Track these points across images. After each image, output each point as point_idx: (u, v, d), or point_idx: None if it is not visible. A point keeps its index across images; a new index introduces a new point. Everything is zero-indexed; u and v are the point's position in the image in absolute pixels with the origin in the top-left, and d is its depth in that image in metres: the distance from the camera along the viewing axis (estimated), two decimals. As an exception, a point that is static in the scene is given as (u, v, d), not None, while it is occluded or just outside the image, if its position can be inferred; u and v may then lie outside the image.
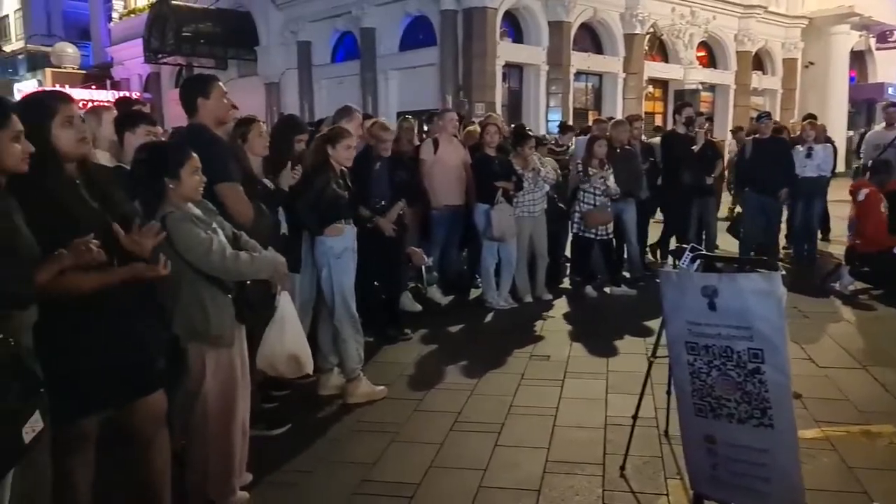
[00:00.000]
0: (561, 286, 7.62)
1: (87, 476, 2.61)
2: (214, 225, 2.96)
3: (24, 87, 24.94)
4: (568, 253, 7.96)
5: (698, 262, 3.13)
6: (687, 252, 3.21)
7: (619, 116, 13.65)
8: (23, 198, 2.02)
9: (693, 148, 7.90)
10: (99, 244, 2.21)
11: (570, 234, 7.56)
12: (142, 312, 2.55)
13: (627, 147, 7.55)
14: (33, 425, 1.82)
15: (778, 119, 15.75)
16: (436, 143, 6.87)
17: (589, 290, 7.31)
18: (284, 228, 4.37)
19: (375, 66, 19.07)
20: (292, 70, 21.19)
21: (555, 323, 6.40)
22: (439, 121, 7.15)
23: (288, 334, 3.33)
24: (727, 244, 8.80)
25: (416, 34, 18.81)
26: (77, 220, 2.32)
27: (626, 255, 7.78)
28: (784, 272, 2.85)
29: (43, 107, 2.37)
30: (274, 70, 21.48)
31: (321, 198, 4.30)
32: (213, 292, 2.92)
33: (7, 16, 35.63)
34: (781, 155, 8.23)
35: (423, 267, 6.74)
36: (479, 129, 7.36)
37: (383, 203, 5.51)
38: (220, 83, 3.64)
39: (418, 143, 7.21)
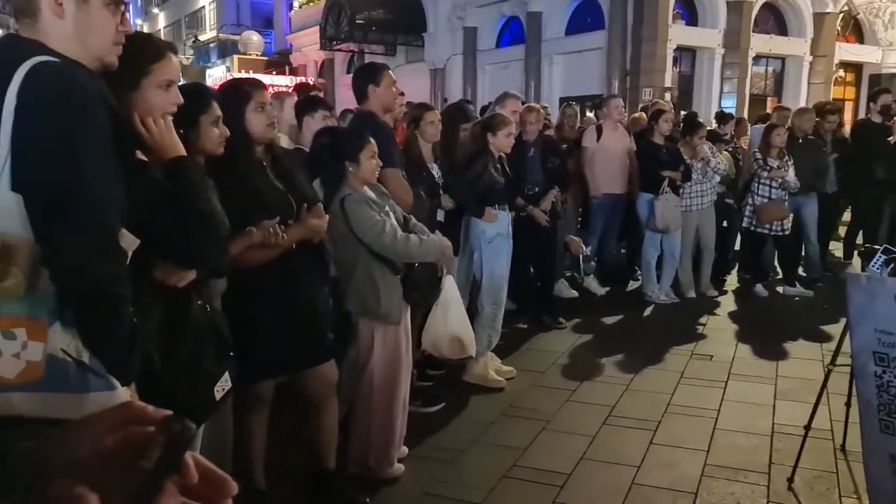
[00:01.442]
0: (728, 283, 7.22)
1: (262, 432, 2.86)
2: (387, 208, 3.10)
3: (214, 72, 27.23)
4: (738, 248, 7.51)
5: (892, 265, 2.85)
6: (879, 254, 2.93)
7: (802, 103, 12.65)
8: (216, 177, 2.22)
9: (889, 139, 7.16)
10: (283, 228, 2.39)
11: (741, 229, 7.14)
12: (317, 288, 2.73)
13: (811, 137, 6.98)
14: (223, 385, 2.00)
15: None
16: (599, 130, 6.73)
17: (759, 288, 6.86)
18: (440, 216, 4.47)
19: (540, 51, 18.89)
20: (457, 56, 21.52)
21: (719, 321, 6.08)
22: (604, 107, 6.99)
23: (451, 317, 3.42)
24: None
25: (584, 17, 18.43)
26: (264, 201, 2.51)
27: (803, 253, 7.22)
28: None
29: (240, 93, 2.58)
30: (440, 56, 21.91)
31: (478, 182, 4.36)
32: (383, 272, 3.06)
33: (203, 7, 38.96)
34: None
35: (581, 256, 6.64)
36: (645, 116, 7.12)
37: (536, 190, 5.48)
38: (391, 72, 3.78)
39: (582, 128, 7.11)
